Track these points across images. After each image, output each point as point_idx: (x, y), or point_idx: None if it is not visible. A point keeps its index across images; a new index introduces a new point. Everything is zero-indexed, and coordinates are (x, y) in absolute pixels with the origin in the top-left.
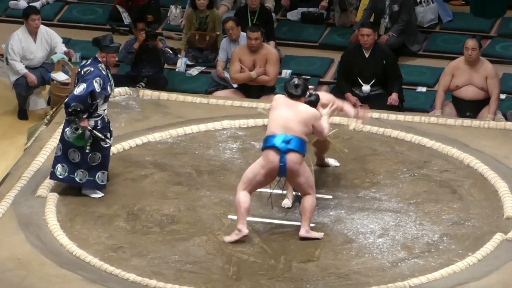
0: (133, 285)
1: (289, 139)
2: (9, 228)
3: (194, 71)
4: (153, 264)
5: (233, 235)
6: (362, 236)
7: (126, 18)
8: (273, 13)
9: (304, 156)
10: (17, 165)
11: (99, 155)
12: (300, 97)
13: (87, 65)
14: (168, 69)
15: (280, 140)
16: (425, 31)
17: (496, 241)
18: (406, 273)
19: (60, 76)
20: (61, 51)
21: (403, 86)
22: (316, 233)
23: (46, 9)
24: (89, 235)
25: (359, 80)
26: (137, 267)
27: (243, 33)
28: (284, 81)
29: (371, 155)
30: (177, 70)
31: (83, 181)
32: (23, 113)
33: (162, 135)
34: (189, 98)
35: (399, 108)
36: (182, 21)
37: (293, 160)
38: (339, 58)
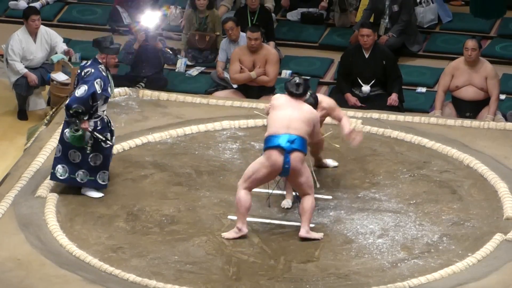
0: (133, 285)
1: (293, 139)
2: (9, 228)
3: (194, 71)
4: (152, 265)
5: (232, 232)
6: (361, 236)
7: (126, 18)
8: (273, 14)
9: (305, 155)
10: (17, 165)
11: (101, 156)
12: (302, 96)
13: (87, 66)
14: (168, 70)
15: (285, 139)
16: (425, 32)
17: (496, 241)
18: (405, 273)
19: (59, 77)
20: (61, 50)
21: (403, 87)
22: (316, 234)
23: (46, 10)
24: (89, 235)
25: (359, 80)
26: (137, 267)
27: (242, 34)
28: (284, 81)
29: (371, 155)
30: (177, 70)
31: (84, 181)
32: (23, 114)
33: (162, 135)
34: (188, 98)
35: (399, 108)
36: (182, 21)
37: (296, 159)
38: (339, 59)
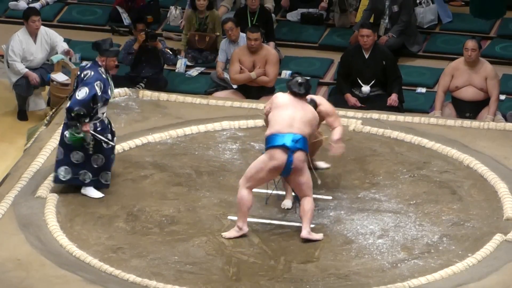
0: (133, 286)
1: (298, 138)
2: (9, 229)
3: (194, 71)
4: (152, 265)
5: (232, 231)
6: (361, 237)
7: (126, 19)
8: (272, 14)
9: (307, 155)
10: (16, 165)
11: (102, 157)
12: (304, 96)
13: (86, 68)
14: (168, 70)
15: (290, 139)
16: (424, 32)
17: (496, 242)
18: (405, 274)
19: (59, 77)
20: (62, 50)
21: (402, 87)
22: (316, 235)
23: (45, 10)
24: (89, 236)
25: (359, 81)
26: (137, 268)
27: (242, 34)
28: (286, 81)
29: (370, 155)
30: (176, 70)
31: (87, 181)
32: (22, 114)
33: (161, 135)
34: (188, 98)
35: (398, 109)
36: (181, 21)
37: (299, 158)
38: (338, 59)
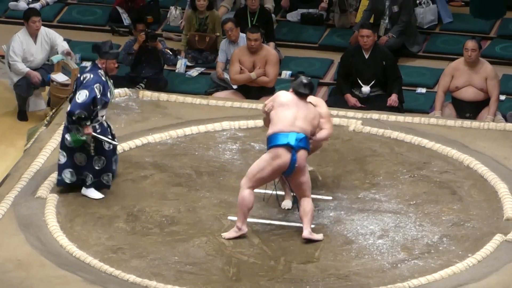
0: (133, 286)
1: (301, 137)
2: (9, 229)
3: (194, 72)
4: (153, 265)
5: (232, 232)
6: (361, 237)
7: (126, 19)
8: (272, 14)
9: (309, 154)
10: (16, 166)
11: (103, 159)
12: (307, 95)
13: (86, 71)
14: (168, 70)
15: (294, 138)
16: (425, 32)
17: (496, 242)
18: (406, 274)
19: (59, 77)
20: (62, 49)
21: (402, 87)
22: (317, 235)
23: (45, 10)
24: (89, 236)
25: (359, 81)
26: (137, 268)
27: (242, 34)
28: (288, 81)
29: (370, 156)
30: (176, 71)
31: (88, 182)
32: (23, 114)
33: (161, 136)
34: (188, 99)
35: (398, 109)
36: (181, 22)
37: (302, 157)
38: (338, 59)
